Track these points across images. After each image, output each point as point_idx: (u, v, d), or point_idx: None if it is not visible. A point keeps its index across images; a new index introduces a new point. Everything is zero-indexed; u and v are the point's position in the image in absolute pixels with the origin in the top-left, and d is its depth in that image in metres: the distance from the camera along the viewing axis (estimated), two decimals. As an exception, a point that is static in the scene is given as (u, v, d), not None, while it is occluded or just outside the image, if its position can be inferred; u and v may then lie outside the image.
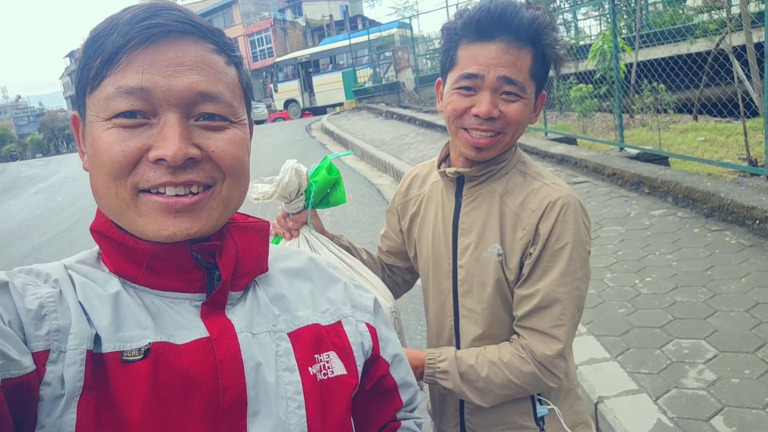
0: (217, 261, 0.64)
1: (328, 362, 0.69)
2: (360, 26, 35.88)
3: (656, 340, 2.64)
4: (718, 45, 6.72)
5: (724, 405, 2.12)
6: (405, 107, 15.32)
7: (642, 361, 2.50)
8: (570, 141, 7.77)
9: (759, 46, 4.67)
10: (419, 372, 1.13)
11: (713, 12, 7.06)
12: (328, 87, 21.89)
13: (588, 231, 1.09)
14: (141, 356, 0.57)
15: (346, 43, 21.50)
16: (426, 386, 1.18)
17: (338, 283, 0.79)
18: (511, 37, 1.00)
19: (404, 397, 0.81)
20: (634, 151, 6.07)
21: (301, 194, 1.18)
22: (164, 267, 0.62)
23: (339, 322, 0.74)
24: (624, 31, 11.17)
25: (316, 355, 0.69)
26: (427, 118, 12.72)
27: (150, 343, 0.58)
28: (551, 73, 1.11)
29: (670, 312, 2.87)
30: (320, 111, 21.47)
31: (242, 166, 0.66)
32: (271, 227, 1.23)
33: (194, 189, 0.61)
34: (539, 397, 1.14)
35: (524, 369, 1.06)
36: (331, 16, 37.55)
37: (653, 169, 5.12)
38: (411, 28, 19.82)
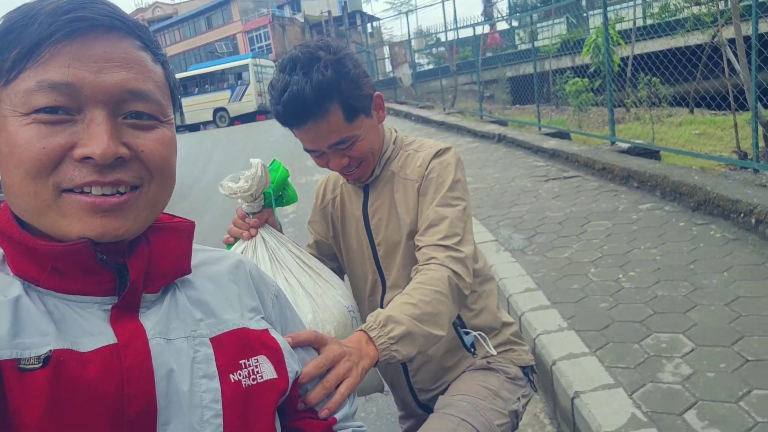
0: (126, 261, 0.62)
1: (257, 366, 0.68)
2: (359, 22, 35.77)
3: (635, 335, 2.64)
4: (714, 37, 6.69)
5: (698, 399, 2.12)
6: (401, 103, 15.31)
7: (620, 355, 2.50)
8: (563, 135, 7.77)
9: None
10: (371, 348, 0.94)
11: (706, 4, 7.03)
12: (195, 107, 23.67)
13: (463, 171, 1.26)
14: (40, 364, 0.53)
15: (206, 70, 24.69)
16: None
17: (268, 289, 0.78)
18: (312, 118, 1.12)
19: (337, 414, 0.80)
20: (625, 146, 6.07)
21: (262, 194, 1.19)
22: (70, 269, 0.59)
23: (266, 330, 0.73)
24: (620, 25, 11.13)
25: (242, 360, 0.67)
26: (423, 113, 12.72)
27: (50, 350, 0.54)
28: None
29: (650, 306, 2.87)
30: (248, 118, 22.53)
31: (170, 167, 0.65)
32: (226, 235, 1.24)
33: (121, 189, 0.59)
34: (463, 330, 1.26)
35: (436, 275, 1.09)
36: (329, 12, 37.45)
37: (642, 163, 5.11)
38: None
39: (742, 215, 3.62)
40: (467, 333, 1.26)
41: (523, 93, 10.53)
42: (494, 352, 1.26)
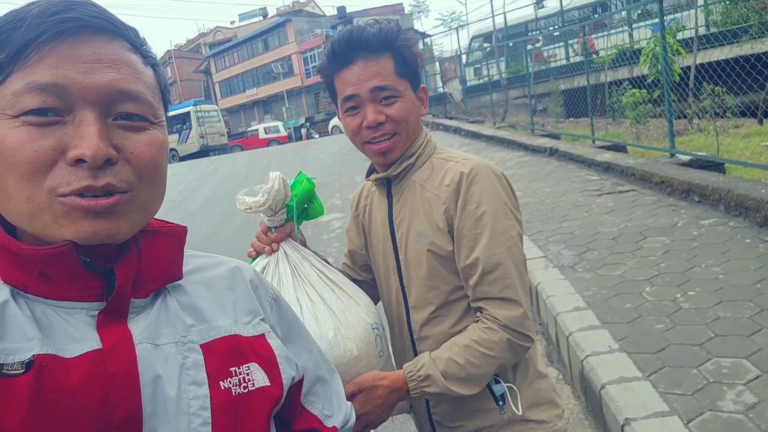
0: (114, 266, 0.61)
1: (248, 374, 0.66)
2: (410, 39, 36.03)
3: (694, 359, 2.46)
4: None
5: (763, 431, 1.94)
6: (451, 118, 15.25)
7: (676, 380, 2.33)
8: (619, 149, 7.48)
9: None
10: (404, 390, 1.12)
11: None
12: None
13: (508, 193, 1.14)
14: (23, 370, 0.53)
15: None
16: None
17: (267, 292, 0.77)
18: (366, 53, 1.13)
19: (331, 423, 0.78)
20: (686, 158, 5.76)
21: (284, 207, 1.18)
22: (58, 274, 0.58)
23: (263, 335, 0.71)
24: (681, 33, 10.68)
25: (233, 368, 0.65)
26: (473, 128, 12.62)
27: (34, 355, 0.54)
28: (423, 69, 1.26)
29: (711, 328, 2.68)
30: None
31: (159, 170, 0.64)
32: (250, 248, 1.24)
33: (112, 191, 0.59)
34: (495, 376, 1.14)
35: (494, 338, 1.07)
36: (388, 20, 37.88)
37: (704, 176, 4.83)
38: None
39: (816, 231, 3.34)
40: (498, 381, 1.15)
41: (577, 106, 10.25)
42: (520, 412, 1.14)
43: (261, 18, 52.29)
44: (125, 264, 0.61)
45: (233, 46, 46.69)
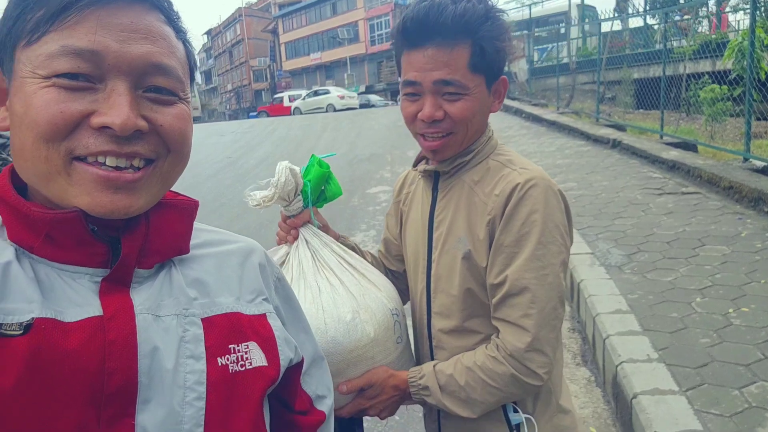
0: (120, 236, 0.61)
1: (246, 353, 0.66)
2: (480, 13, 35.01)
3: (738, 379, 2.33)
4: None
5: (804, 466, 1.83)
6: (513, 98, 14.81)
7: (715, 399, 2.22)
8: (688, 147, 7.06)
9: None
10: (407, 393, 1.11)
11: None
12: None
13: (563, 214, 1.03)
14: (21, 331, 0.53)
15: None
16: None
17: (273, 271, 0.77)
18: (439, 39, 0.99)
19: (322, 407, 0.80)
20: (761, 164, 5.37)
21: (299, 195, 1.16)
22: (64, 238, 0.58)
23: (264, 315, 0.71)
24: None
25: (232, 345, 0.65)
26: (535, 111, 12.21)
27: (33, 318, 0.54)
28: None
29: (762, 349, 2.52)
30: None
31: (187, 143, 0.64)
32: (276, 238, 1.23)
33: (136, 162, 0.59)
34: (513, 404, 1.07)
35: (498, 370, 1.00)
36: None
37: (779, 185, 4.49)
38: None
39: None
40: (516, 410, 1.07)
41: (649, 97, 9.70)
42: None
43: (332, -19, 52.01)
44: (132, 235, 0.61)
45: (302, 8, 46.79)
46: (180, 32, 0.64)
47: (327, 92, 26.52)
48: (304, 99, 27.06)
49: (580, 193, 5.60)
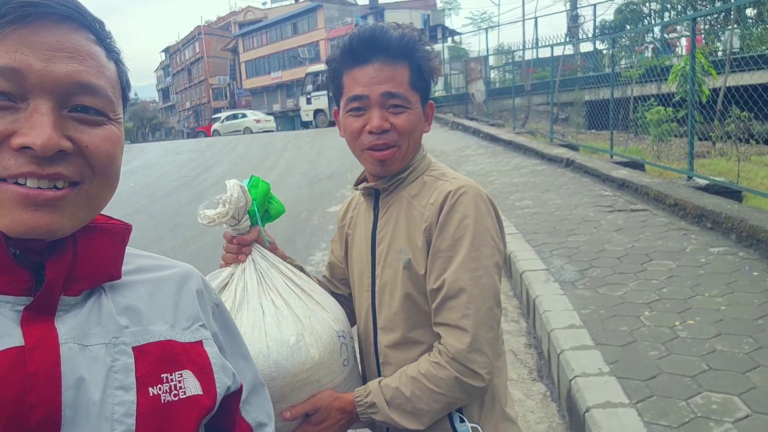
0: (45, 261, 0.58)
1: (180, 382, 0.64)
2: (439, 36, 35.87)
3: (684, 390, 2.40)
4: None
5: (746, 473, 1.89)
6: (472, 119, 15.12)
7: (663, 411, 2.28)
8: (636, 166, 7.37)
9: None
10: (354, 414, 1.10)
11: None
12: None
13: (493, 219, 1.09)
14: None
15: None
16: None
17: (210, 297, 0.75)
18: (384, 56, 1.08)
19: None
20: (703, 182, 5.65)
21: (246, 214, 1.14)
22: None
23: (200, 342, 0.69)
24: (717, 54, 10.45)
25: (165, 375, 0.63)
26: (492, 131, 12.49)
27: None
28: (434, 83, 1.20)
29: (706, 360, 2.61)
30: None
31: (115, 166, 0.62)
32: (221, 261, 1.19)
33: (59, 184, 0.57)
34: (459, 414, 1.08)
35: (442, 375, 1.02)
36: (411, 24, 37.71)
37: (719, 202, 4.72)
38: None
39: (827, 271, 3.24)
40: (462, 420, 1.09)
41: (600, 118, 10.10)
42: None
43: (293, 1, 52.28)
44: (58, 260, 0.59)
45: (263, 27, 46.80)
46: (111, 52, 0.63)
47: (244, 116, 28.12)
48: (222, 122, 28.27)
49: (535, 210, 5.73)
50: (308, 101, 23.99)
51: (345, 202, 1.36)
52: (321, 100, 23.19)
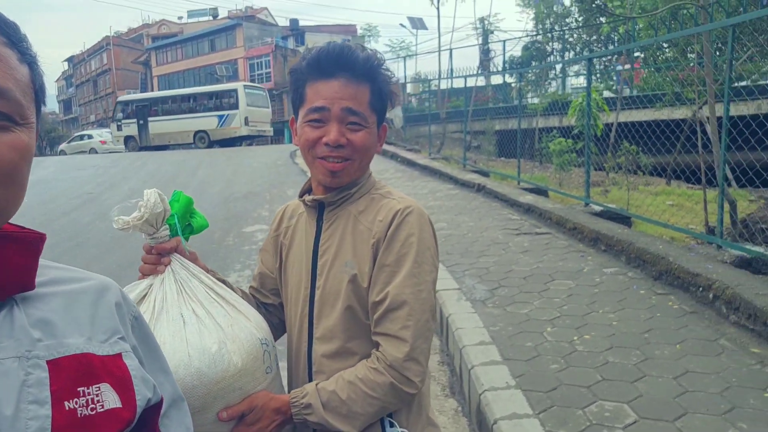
0: None
1: (97, 395, 0.63)
2: (359, 61, 36.46)
3: (581, 400, 2.59)
4: (694, 114, 6.92)
5: (633, 473, 2.07)
6: (390, 143, 15.47)
7: (563, 420, 2.44)
8: (541, 192, 7.88)
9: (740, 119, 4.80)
10: (289, 415, 1.12)
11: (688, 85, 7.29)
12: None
13: (433, 239, 1.17)
14: None
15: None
16: None
17: (129, 310, 0.74)
18: (349, 74, 1.13)
19: None
20: (598, 208, 6.15)
21: (165, 223, 1.14)
22: None
23: (119, 355, 0.68)
24: (608, 92, 11.48)
25: (82, 388, 0.62)
26: (409, 156, 12.86)
27: None
28: (394, 110, 1.29)
29: (600, 372, 2.84)
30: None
31: (19, 176, 0.60)
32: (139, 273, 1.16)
33: None
34: (390, 419, 1.14)
35: (378, 380, 1.07)
36: (375, 49, 38.08)
37: (612, 227, 5.17)
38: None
39: (701, 289, 3.64)
40: (393, 424, 1.15)
41: (509, 146, 10.74)
42: None
43: (210, 18, 51.19)
44: None
45: (178, 42, 45.31)
46: (25, 54, 0.61)
47: (90, 137, 28.28)
48: (69, 143, 28.41)
49: (449, 232, 5.96)
50: (119, 128, 24.79)
51: (279, 211, 1.38)
52: (131, 128, 24.21)
